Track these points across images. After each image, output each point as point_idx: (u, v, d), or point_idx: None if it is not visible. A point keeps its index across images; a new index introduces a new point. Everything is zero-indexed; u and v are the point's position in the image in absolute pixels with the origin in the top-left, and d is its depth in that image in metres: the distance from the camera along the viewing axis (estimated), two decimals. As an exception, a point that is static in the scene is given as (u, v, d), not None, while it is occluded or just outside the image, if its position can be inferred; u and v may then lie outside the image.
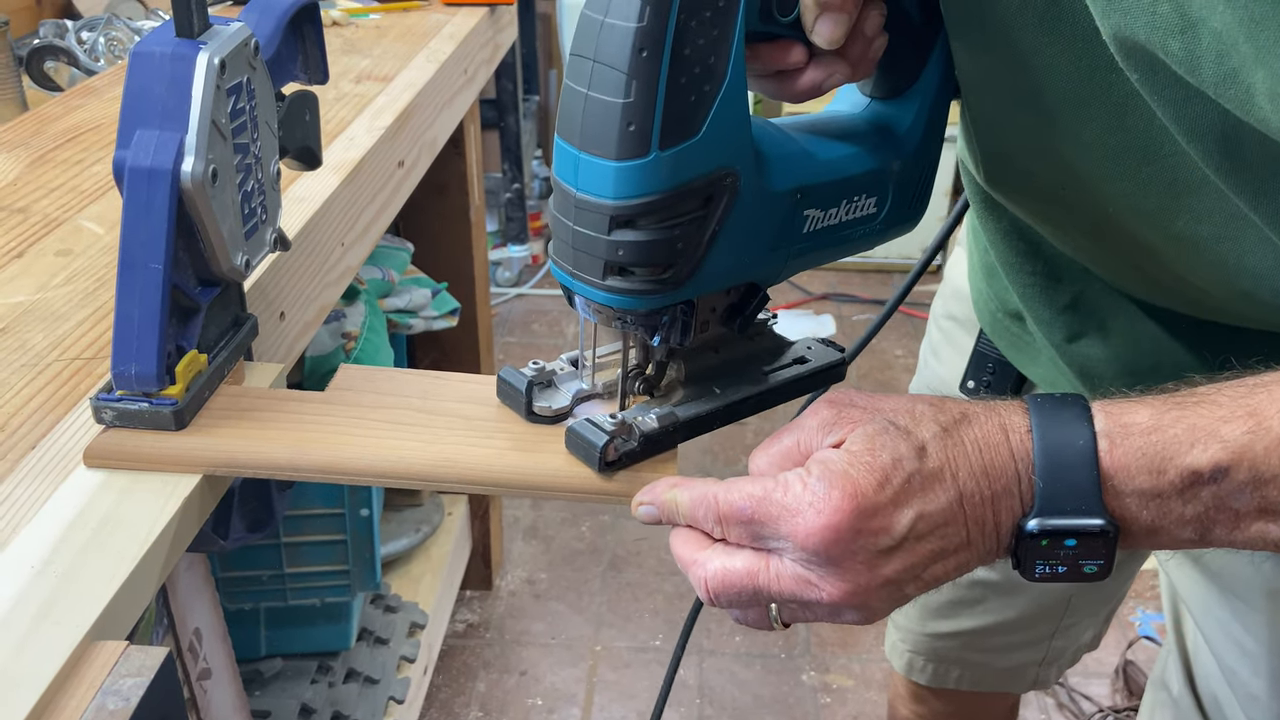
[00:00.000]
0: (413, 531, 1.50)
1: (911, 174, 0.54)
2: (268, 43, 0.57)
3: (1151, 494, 0.41)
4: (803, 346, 0.58)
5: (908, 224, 0.56)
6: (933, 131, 0.54)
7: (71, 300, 0.64)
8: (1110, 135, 0.46)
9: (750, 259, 0.49)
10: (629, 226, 0.44)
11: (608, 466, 0.49)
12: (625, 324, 0.49)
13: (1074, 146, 0.47)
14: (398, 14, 1.31)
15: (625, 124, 0.42)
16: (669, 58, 0.41)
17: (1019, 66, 0.46)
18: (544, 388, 0.54)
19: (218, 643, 0.93)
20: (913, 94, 0.53)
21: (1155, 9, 0.37)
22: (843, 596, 0.42)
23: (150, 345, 0.49)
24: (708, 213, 0.45)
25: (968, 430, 0.43)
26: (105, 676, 0.40)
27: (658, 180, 0.43)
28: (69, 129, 0.90)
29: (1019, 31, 0.45)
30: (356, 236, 0.85)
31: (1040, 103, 0.47)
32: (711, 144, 0.43)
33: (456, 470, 0.50)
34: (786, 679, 1.63)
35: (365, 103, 0.98)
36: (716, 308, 0.51)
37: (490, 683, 1.62)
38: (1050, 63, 0.45)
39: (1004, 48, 0.46)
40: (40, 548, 0.45)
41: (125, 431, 0.51)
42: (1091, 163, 0.48)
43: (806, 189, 0.49)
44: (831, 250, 0.53)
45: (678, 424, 0.51)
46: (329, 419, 0.52)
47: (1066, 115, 0.46)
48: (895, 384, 2.34)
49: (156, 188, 0.48)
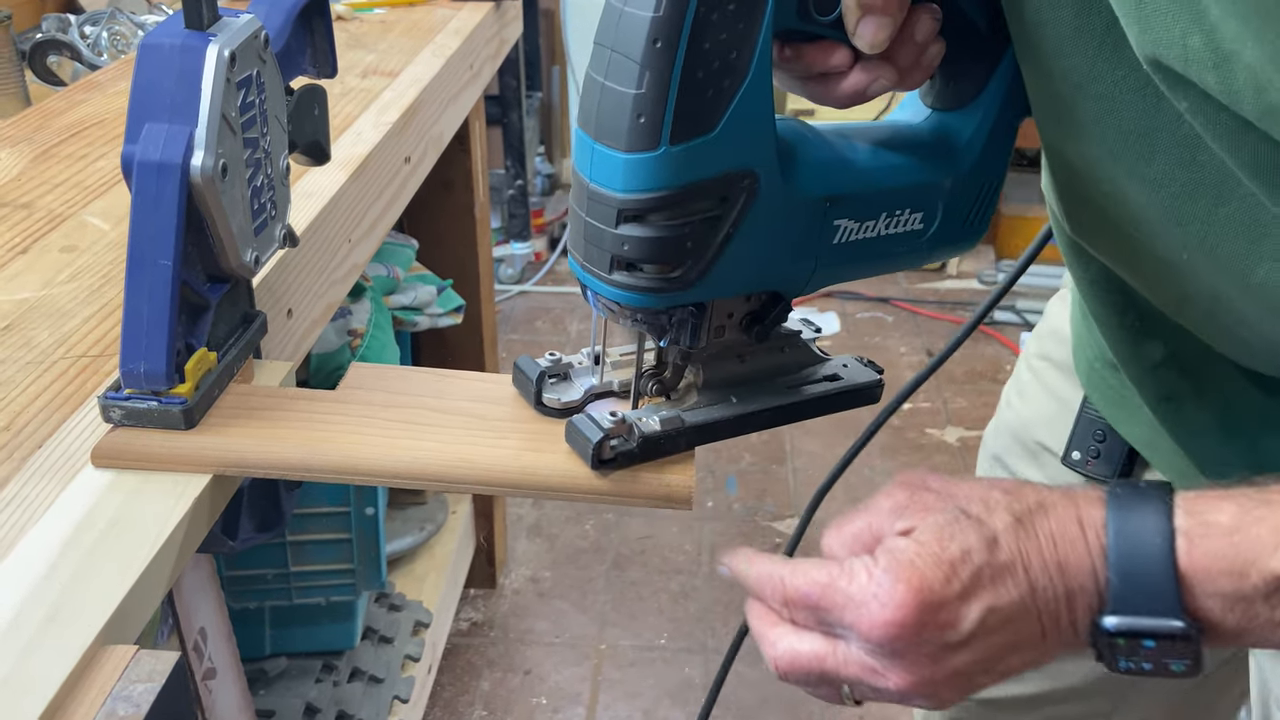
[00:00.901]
0: (417, 530, 1.50)
1: (966, 191, 0.51)
2: (277, 35, 0.56)
3: (1235, 597, 0.40)
4: (838, 364, 0.56)
5: (961, 244, 0.53)
6: (994, 148, 0.51)
7: (77, 297, 0.63)
8: (1180, 171, 0.42)
9: (770, 266, 0.47)
10: (637, 221, 0.43)
11: (601, 464, 0.48)
12: (634, 321, 0.47)
13: (1141, 183, 0.43)
14: (403, 8, 1.30)
15: (636, 115, 0.40)
16: (685, 50, 0.39)
17: (1078, 93, 0.43)
18: (558, 380, 0.53)
19: (222, 642, 0.92)
20: (974, 107, 0.50)
21: (1186, 42, 0.34)
22: (910, 687, 0.41)
23: (159, 343, 0.48)
24: (722, 214, 0.43)
25: (1043, 522, 0.42)
26: (115, 682, 0.39)
27: (667, 176, 0.41)
28: (73, 124, 0.89)
29: (1075, 56, 0.42)
30: (363, 233, 0.84)
31: (1103, 133, 0.44)
32: (728, 142, 0.42)
33: (473, 471, 0.49)
34: (792, 678, 1.62)
35: (371, 98, 0.97)
36: (734, 313, 0.50)
37: (494, 681, 1.61)
38: (1110, 90, 0.42)
39: (1061, 72, 0.43)
40: (48, 549, 0.44)
41: (134, 431, 0.50)
42: (1161, 201, 0.44)
43: (839, 198, 0.47)
44: (868, 265, 0.51)
45: (682, 429, 0.50)
46: (341, 418, 0.51)
47: (1132, 148, 0.43)
48: (899, 381, 2.32)
49: (166, 182, 0.47)
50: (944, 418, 2.22)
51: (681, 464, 0.50)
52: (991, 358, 2.43)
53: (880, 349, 2.46)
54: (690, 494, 0.49)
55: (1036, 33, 0.43)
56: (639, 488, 0.49)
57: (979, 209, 0.52)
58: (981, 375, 2.37)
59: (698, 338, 0.48)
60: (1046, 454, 0.71)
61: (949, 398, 2.29)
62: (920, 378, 0.73)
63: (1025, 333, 2.46)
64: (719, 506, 1.97)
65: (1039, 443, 0.72)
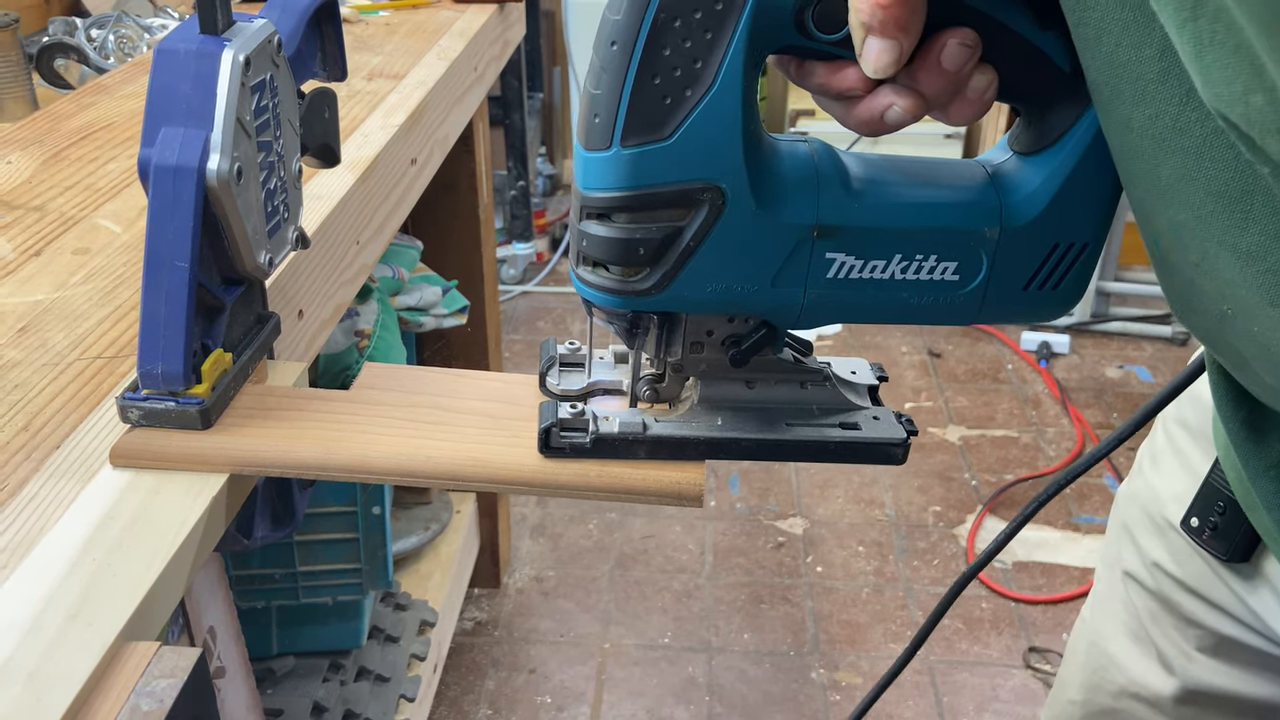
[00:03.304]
0: (422, 530, 1.50)
1: (1027, 249, 0.45)
2: (289, 40, 0.57)
3: None
4: (866, 415, 0.51)
5: (1029, 310, 0.47)
6: (1072, 204, 0.45)
7: (91, 299, 0.64)
8: (1278, 245, 0.35)
9: (742, 288, 0.45)
10: (597, 219, 0.43)
11: (547, 449, 0.49)
12: (606, 321, 0.48)
13: (1234, 255, 0.37)
14: (407, 10, 1.30)
15: (592, 114, 0.41)
16: (640, 53, 0.39)
17: (1161, 147, 0.37)
18: (571, 370, 0.54)
19: (231, 641, 0.93)
20: (1049, 155, 0.44)
21: (1249, 100, 0.29)
22: None
23: (177, 344, 0.49)
24: (685, 225, 0.43)
25: None
26: (138, 678, 0.40)
27: (618, 177, 0.41)
28: (82, 127, 0.90)
29: (1159, 104, 0.36)
30: (371, 234, 0.84)
31: (1190, 194, 0.37)
32: (685, 152, 0.41)
33: (486, 470, 0.49)
34: (796, 676, 1.63)
35: (378, 100, 0.98)
36: (714, 332, 0.48)
37: (499, 680, 1.62)
38: (1199, 146, 0.36)
39: (1142, 123, 0.37)
40: (69, 548, 0.45)
41: (151, 431, 0.50)
42: (1256, 278, 0.37)
43: (830, 229, 0.44)
44: (882, 309, 0.46)
45: (640, 438, 0.49)
46: (355, 418, 0.52)
47: (1223, 213, 0.36)
48: (900, 381, 2.33)
49: (183, 186, 0.48)
50: (945, 416, 2.23)
51: (693, 461, 0.50)
52: (993, 357, 2.44)
53: (881, 348, 2.46)
54: (700, 491, 0.49)
55: (1114, 76, 0.37)
56: (649, 484, 0.49)
57: (1050, 273, 0.46)
58: (982, 374, 2.38)
59: (670, 349, 0.48)
60: (1173, 531, 0.66)
61: (950, 397, 2.30)
62: (1095, 454, 0.66)
63: (1026, 332, 2.47)
64: (722, 506, 1.98)
65: (1167, 520, 0.67)
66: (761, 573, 1.83)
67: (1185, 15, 0.28)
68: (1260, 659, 0.62)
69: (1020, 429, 2.19)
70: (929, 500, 1.99)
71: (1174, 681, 0.67)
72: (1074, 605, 1.77)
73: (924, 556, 1.86)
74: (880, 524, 1.94)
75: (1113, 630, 0.72)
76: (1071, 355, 2.45)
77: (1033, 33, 0.41)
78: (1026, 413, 2.25)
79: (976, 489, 2.02)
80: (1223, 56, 0.28)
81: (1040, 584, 1.80)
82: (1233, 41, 0.27)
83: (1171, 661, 0.67)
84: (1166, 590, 0.67)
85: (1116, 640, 0.72)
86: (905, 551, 1.88)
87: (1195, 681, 0.66)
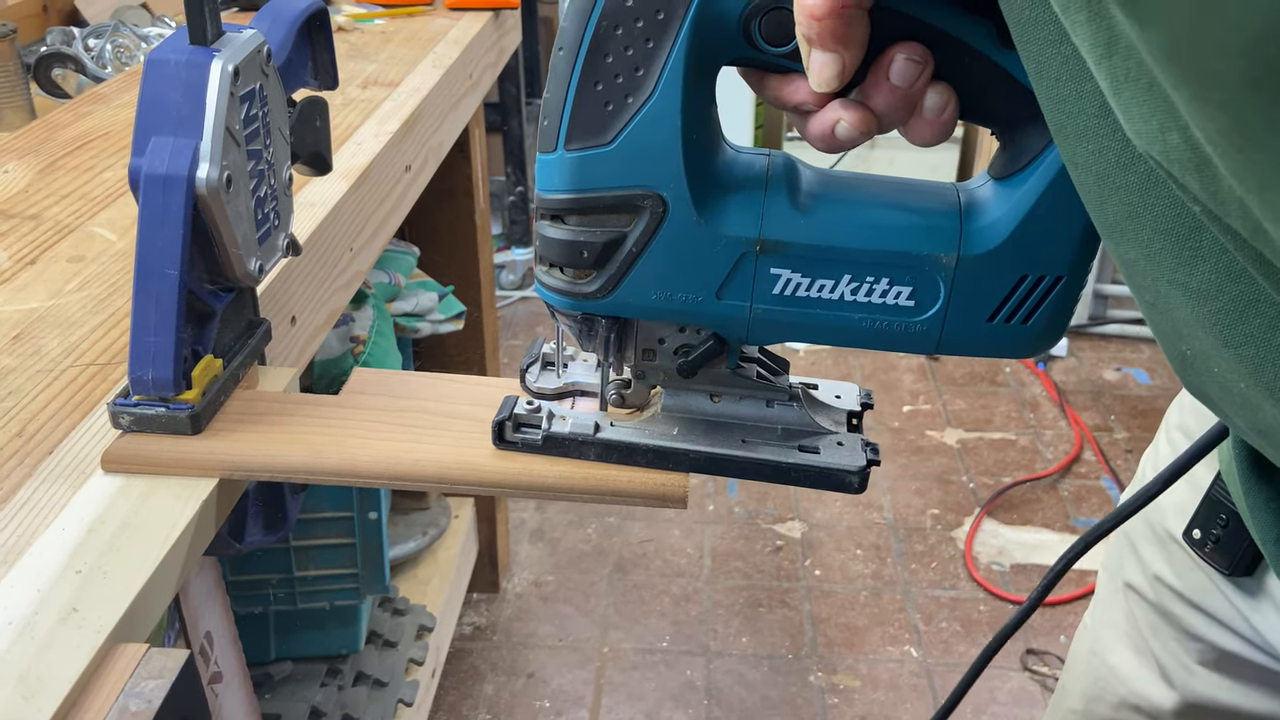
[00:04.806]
0: (420, 534, 1.51)
1: (991, 279, 0.43)
2: (279, 49, 0.58)
3: None
4: (830, 440, 0.50)
5: (998, 345, 0.45)
6: (1041, 235, 0.42)
7: (85, 306, 0.65)
8: (1229, 283, 0.33)
9: (687, 298, 0.44)
10: (549, 220, 0.44)
11: (500, 442, 0.51)
12: (567, 325, 0.49)
13: (1185, 294, 0.36)
14: (403, 19, 1.31)
15: (542, 118, 0.42)
16: (583, 59, 0.40)
17: (1105, 184, 0.36)
18: (554, 368, 0.55)
19: (229, 646, 0.94)
20: (1017, 180, 0.42)
21: (1165, 138, 0.27)
22: None
23: (167, 350, 0.49)
24: (628, 231, 0.43)
25: None
26: (127, 679, 0.41)
27: (563, 180, 0.42)
28: (78, 136, 0.91)
29: (1103, 139, 0.34)
30: (365, 241, 0.85)
31: (1139, 231, 0.36)
32: (627, 158, 0.41)
33: (475, 473, 0.50)
34: (794, 680, 1.63)
35: (372, 108, 0.99)
36: (665, 340, 0.48)
37: (498, 685, 1.62)
38: (1143, 182, 0.34)
39: (1087, 159, 0.36)
40: (60, 552, 0.46)
41: (142, 436, 0.51)
42: (1209, 317, 0.36)
43: (773, 244, 0.43)
44: (834, 330, 0.45)
45: (590, 440, 0.50)
46: (344, 422, 0.53)
47: (1171, 251, 0.35)
48: (898, 384, 2.34)
49: (172, 194, 0.49)
50: (943, 419, 2.23)
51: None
52: (991, 359, 2.44)
53: (878, 352, 2.47)
54: (684, 492, 0.50)
55: (1057, 111, 0.35)
56: (635, 486, 0.50)
57: (1018, 306, 0.44)
58: (980, 377, 2.39)
59: (622, 353, 0.48)
60: (1175, 543, 0.65)
61: (948, 400, 2.30)
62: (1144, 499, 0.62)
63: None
64: (720, 510, 1.98)
65: (1168, 531, 0.66)
66: (760, 576, 1.83)
67: (1100, 52, 0.27)
68: (1262, 674, 0.62)
69: (1018, 431, 2.20)
70: (927, 503, 2.00)
71: (1174, 695, 0.67)
72: (1072, 608, 1.77)
73: (922, 559, 1.87)
74: (878, 527, 1.94)
75: (1113, 640, 0.72)
76: (1069, 358, 2.46)
77: (994, 51, 0.40)
78: (1024, 415, 2.25)
79: (975, 491, 2.02)
80: (1138, 94, 0.27)
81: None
82: (1145, 79, 0.26)
83: (1172, 674, 0.67)
84: (1167, 603, 0.66)
85: (1117, 651, 0.72)
86: (903, 554, 1.88)
87: (1196, 695, 0.65)
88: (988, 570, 1.84)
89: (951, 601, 1.78)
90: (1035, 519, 1.96)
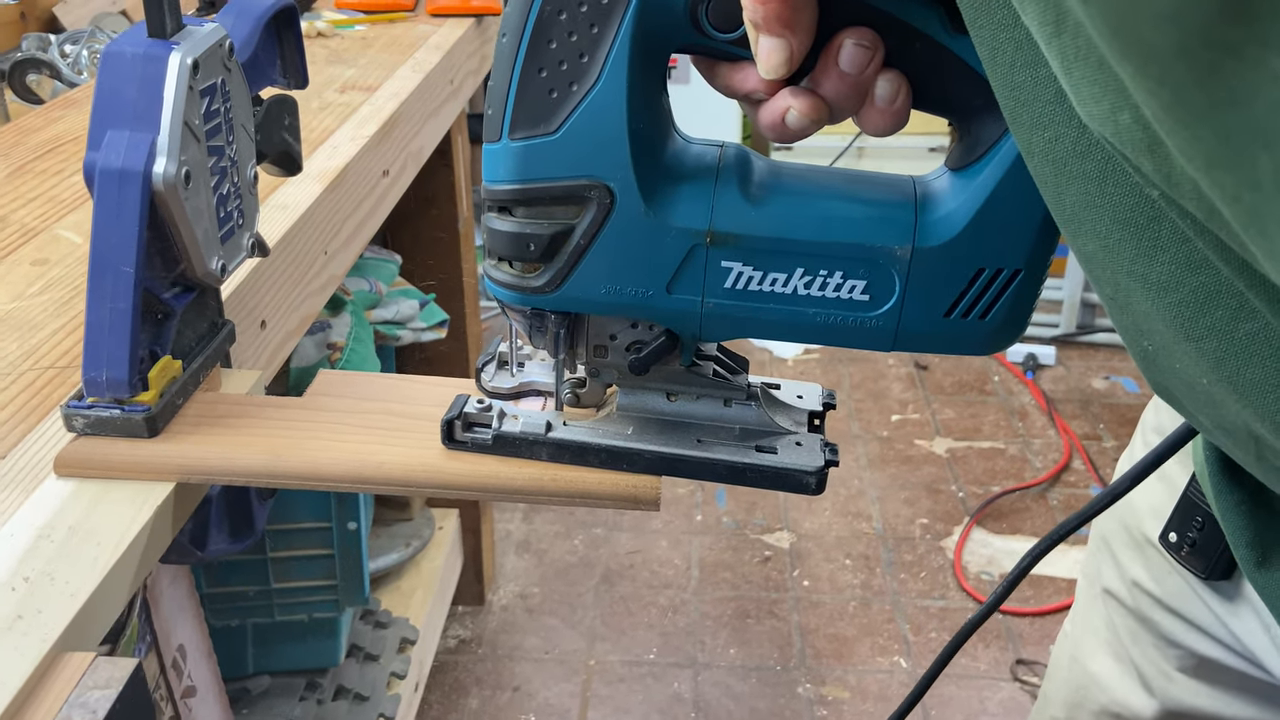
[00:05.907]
0: (403, 546, 1.49)
1: (947, 273, 0.42)
2: (244, 45, 0.56)
3: None
4: (789, 441, 0.49)
5: (957, 341, 0.44)
6: (996, 228, 0.41)
7: (47, 309, 0.63)
8: (1189, 274, 0.32)
9: (637, 292, 0.43)
10: (496, 212, 0.43)
11: (449, 440, 0.50)
12: (518, 321, 0.47)
13: (1145, 286, 0.34)
14: (384, 25, 1.30)
15: (488, 107, 0.41)
16: (526, 45, 0.39)
17: (1063, 173, 0.34)
18: (512, 367, 0.53)
19: (202, 659, 0.92)
20: (972, 171, 0.41)
21: (1117, 119, 0.26)
22: None
23: (121, 350, 0.48)
24: (576, 224, 0.42)
25: None
26: (72, 689, 0.39)
27: (509, 170, 0.41)
28: (49, 140, 0.89)
29: (1059, 127, 0.33)
30: (340, 245, 0.84)
31: (1096, 222, 0.34)
32: (572, 148, 0.40)
33: (439, 475, 0.49)
34: (782, 691, 1.61)
35: (350, 112, 0.98)
36: (617, 336, 0.47)
37: (483, 699, 1.60)
38: (1101, 171, 0.33)
39: (1044, 147, 0.34)
40: (9, 558, 0.44)
41: (96, 439, 0.50)
42: (1170, 310, 0.34)
43: (722, 236, 0.42)
44: (789, 326, 0.44)
45: (540, 440, 0.49)
46: (306, 425, 0.51)
47: (1130, 242, 0.33)
48: (886, 393, 2.33)
49: (127, 189, 0.47)
50: (932, 429, 2.22)
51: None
52: (979, 369, 2.44)
53: (867, 359, 2.46)
54: (656, 495, 0.49)
55: (1011, 99, 0.34)
56: (605, 489, 0.48)
57: (975, 301, 0.43)
58: (969, 386, 2.38)
59: (572, 349, 0.47)
60: (1151, 548, 0.65)
61: (937, 409, 2.29)
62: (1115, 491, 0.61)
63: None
64: (708, 520, 1.97)
65: (1145, 535, 0.65)
66: (748, 587, 1.81)
67: (1050, 30, 0.26)
68: (1241, 681, 0.61)
69: (1007, 440, 2.19)
70: (916, 513, 1.99)
71: (1154, 703, 0.66)
72: (1061, 617, 1.75)
73: (911, 569, 1.85)
74: (867, 537, 1.93)
75: (1094, 648, 0.71)
76: (1058, 366, 2.45)
77: (945, 36, 0.39)
78: (1013, 424, 2.24)
79: (964, 501, 2.01)
80: (1089, 73, 0.26)
81: (1027, 596, 1.79)
82: (1095, 57, 0.25)
83: (1151, 682, 0.66)
84: (1145, 609, 0.65)
85: (1097, 659, 0.71)
86: (892, 564, 1.87)
87: (1176, 703, 0.65)
88: (977, 580, 1.83)
89: (941, 611, 1.76)
90: (1025, 528, 1.95)
